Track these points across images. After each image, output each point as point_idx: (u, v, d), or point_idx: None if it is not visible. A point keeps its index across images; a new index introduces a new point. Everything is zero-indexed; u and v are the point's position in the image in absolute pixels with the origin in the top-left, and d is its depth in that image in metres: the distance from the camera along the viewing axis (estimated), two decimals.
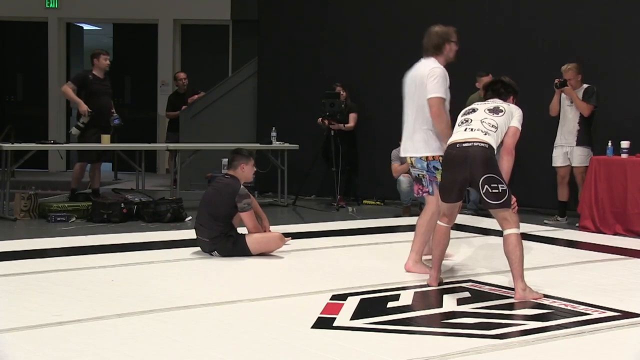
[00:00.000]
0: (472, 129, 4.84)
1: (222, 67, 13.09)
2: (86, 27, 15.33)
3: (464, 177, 4.74)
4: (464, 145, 4.76)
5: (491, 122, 4.86)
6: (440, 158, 5.15)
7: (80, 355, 3.47)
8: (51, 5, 13.72)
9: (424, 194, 5.41)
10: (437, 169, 5.24)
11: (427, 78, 5.26)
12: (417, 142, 5.35)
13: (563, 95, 8.16)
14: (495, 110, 4.94)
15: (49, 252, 6.10)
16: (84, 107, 8.67)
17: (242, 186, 5.81)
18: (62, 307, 4.27)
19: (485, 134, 4.80)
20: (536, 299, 4.57)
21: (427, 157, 5.32)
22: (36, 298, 4.50)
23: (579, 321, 4.15)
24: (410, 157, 5.42)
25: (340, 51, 10.09)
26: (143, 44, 13.50)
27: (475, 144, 4.73)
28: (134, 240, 6.71)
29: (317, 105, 9.39)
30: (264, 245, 5.87)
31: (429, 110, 5.26)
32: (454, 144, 4.83)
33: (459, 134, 4.88)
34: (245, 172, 5.96)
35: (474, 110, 5.01)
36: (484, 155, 4.71)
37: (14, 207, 8.06)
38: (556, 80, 8.09)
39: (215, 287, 4.62)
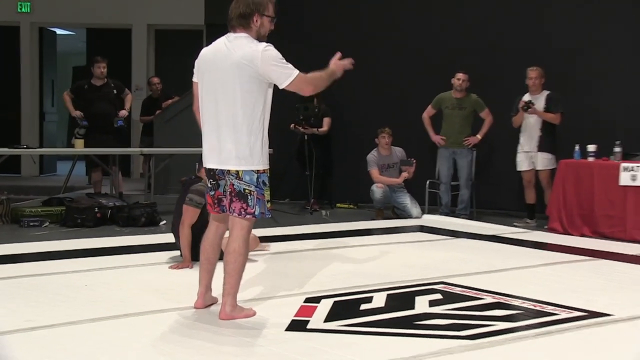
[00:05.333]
0: None
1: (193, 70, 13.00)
2: (59, 31, 15.21)
3: None
4: None
5: None
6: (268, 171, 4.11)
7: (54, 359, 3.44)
8: (23, 9, 13.59)
9: (246, 216, 4.05)
10: (267, 185, 4.10)
11: (262, 67, 3.96)
12: (244, 150, 4.02)
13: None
14: None
15: (21, 257, 6.02)
16: (73, 113, 9.25)
17: (200, 184, 5.48)
18: (35, 312, 4.23)
19: None
20: None
21: (258, 170, 4.06)
22: (8, 303, 4.45)
23: (547, 321, 4.18)
24: (236, 169, 4.05)
25: (314, 56, 10.06)
26: (117, 49, 13.42)
27: None
28: (107, 244, 6.66)
29: (291, 109, 9.38)
30: None
31: (262, 106, 4.06)
32: None
33: None
34: (201, 172, 5.66)
35: None
36: None
37: None
38: (522, 103, 8.15)
39: (189, 290, 4.58)
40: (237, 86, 4.02)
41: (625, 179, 7.42)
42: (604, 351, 3.75)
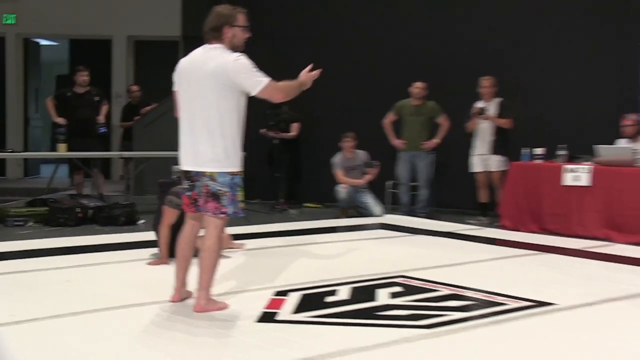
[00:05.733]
0: None
1: (172, 80, 12.91)
2: (43, 42, 15.03)
3: None
4: None
5: None
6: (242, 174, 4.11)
7: (36, 354, 3.40)
8: (9, 21, 13.43)
9: (219, 215, 4.06)
10: (240, 186, 4.09)
11: (234, 76, 3.97)
12: (219, 153, 4.01)
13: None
14: None
15: (6, 254, 5.93)
16: (55, 119, 9.11)
17: (179, 186, 5.48)
18: (19, 307, 4.18)
19: None
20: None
21: (231, 172, 4.06)
22: None
23: (497, 311, 4.22)
24: (211, 171, 4.04)
25: (281, 64, 10.06)
26: (98, 59, 13.30)
27: None
28: (89, 242, 6.59)
29: (263, 115, 9.35)
30: None
31: (235, 112, 4.05)
32: None
33: None
34: None
35: None
36: None
37: None
38: (475, 110, 8.26)
39: (166, 285, 4.56)
40: (212, 94, 4.00)
41: (569, 179, 7.51)
42: (548, 337, 3.79)
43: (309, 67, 4.37)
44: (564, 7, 8.98)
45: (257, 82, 4.01)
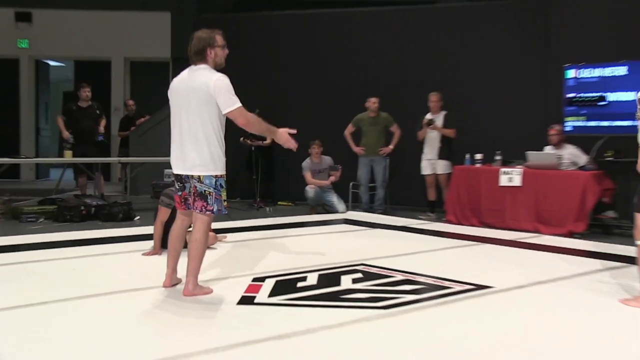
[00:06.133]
0: None
1: (164, 95, 12.77)
2: (52, 63, 14.85)
3: None
4: None
5: None
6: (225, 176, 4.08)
7: (48, 330, 3.33)
8: (22, 45, 13.29)
9: (206, 212, 4.03)
10: (223, 187, 4.06)
11: (214, 93, 3.93)
12: (205, 158, 3.99)
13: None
14: None
15: (20, 246, 5.84)
16: (64, 135, 8.97)
17: (170, 188, 5.32)
18: (32, 291, 4.11)
19: None
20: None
21: (216, 175, 4.03)
22: (9, 285, 4.31)
23: (444, 293, 4.23)
24: (198, 174, 4.02)
25: (255, 80, 10.04)
26: (99, 77, 13.16)
27: None
28: (91, 236, 6.49)
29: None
30: None
31: (218, 123, 4.01)
32: None
33: None
34: None
35: None
36: None
37: None
38: (426, 121, 8.28)
39: (159, 273, 4.49)
40: (197, 108, 3.98)
41: (504, 180, 7.56)
42: (486, 314, 3.80)
43: (292, 130, 4.36)
44: (497, 33, 9.04)
45: (230, 103, 3.96)
